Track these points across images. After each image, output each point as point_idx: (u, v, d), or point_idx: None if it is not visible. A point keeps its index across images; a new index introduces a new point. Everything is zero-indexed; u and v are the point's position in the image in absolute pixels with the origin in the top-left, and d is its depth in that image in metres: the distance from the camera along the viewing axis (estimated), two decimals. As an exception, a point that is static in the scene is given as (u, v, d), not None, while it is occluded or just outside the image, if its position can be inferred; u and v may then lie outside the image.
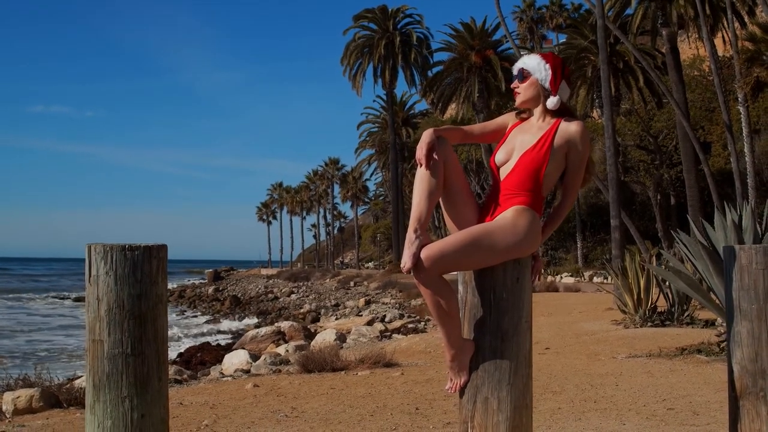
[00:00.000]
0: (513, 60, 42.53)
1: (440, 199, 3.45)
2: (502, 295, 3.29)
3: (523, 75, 3.54)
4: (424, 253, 3.19)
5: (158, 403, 2.96)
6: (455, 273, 3.42)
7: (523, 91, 3.54)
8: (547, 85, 3.49)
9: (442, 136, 3.37)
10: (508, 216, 3.33)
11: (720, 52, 34.45)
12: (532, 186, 3.37)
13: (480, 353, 3.30)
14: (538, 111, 3.54)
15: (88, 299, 2.95)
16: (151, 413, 2.93)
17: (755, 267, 3.47)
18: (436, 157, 3.29)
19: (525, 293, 3.35)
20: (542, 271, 3.64)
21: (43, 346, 26.49)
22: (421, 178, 3.34)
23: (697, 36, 33.14)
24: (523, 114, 3.61)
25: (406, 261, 3.23)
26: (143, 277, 2.92)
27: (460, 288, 3.40)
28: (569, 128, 3.43)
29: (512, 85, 3.60)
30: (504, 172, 3.47)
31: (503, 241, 3.26)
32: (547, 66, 3.51)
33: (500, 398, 3.27)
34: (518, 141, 3.49)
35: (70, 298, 60.29)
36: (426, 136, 3.31)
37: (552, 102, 3.47)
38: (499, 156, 3.52)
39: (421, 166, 3.30)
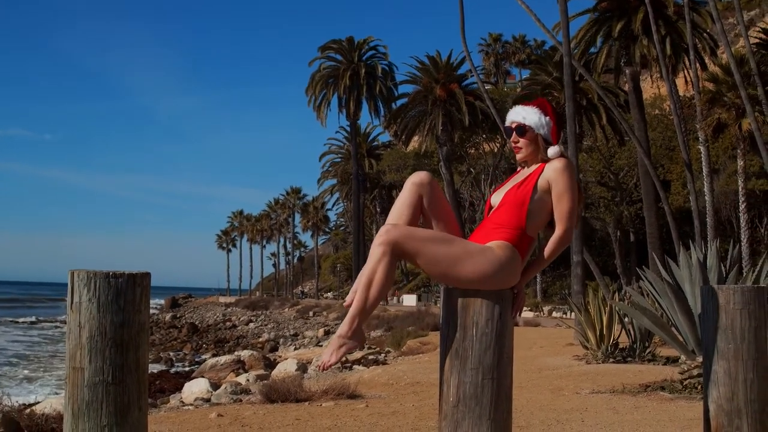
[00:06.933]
0: (477, 94, 42.92)
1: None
2: (484, 331, 3.28)
3: (524, 130, 3.57)
4: (397, 228, 3.25)
5: (138, 433, 2.92)
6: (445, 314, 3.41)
7: (524, 148, 3.56)
8: (549, 138, 3.55)
9: (432, 179, 3.43)
10: (487, 246, 3.34)
11: (681, 92, 35.02)
12: (515, 222, 3.38)
13: (461, 388, 3.28)
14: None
15: (70, 326, 2.91)
16: (131, 443, 2.88)
17: (733, 307, 3.52)
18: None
19: (506, 329, 3.35)
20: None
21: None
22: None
23: (659, 75, 33.69)
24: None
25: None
26: (126, 305, 2.88)
27: (443, 324, 3.39)
28: (551, 165, 3.47)
29: (512, 139, 3.60)
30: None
31: (473, 262, 3.27)
32: (548, 120, 3.57)
33: (480, 433, 3.26)
34: (511, 184, 3.55)
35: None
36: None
37: (553, 151, 3.52)
38: (494, 198, 3.59)
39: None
